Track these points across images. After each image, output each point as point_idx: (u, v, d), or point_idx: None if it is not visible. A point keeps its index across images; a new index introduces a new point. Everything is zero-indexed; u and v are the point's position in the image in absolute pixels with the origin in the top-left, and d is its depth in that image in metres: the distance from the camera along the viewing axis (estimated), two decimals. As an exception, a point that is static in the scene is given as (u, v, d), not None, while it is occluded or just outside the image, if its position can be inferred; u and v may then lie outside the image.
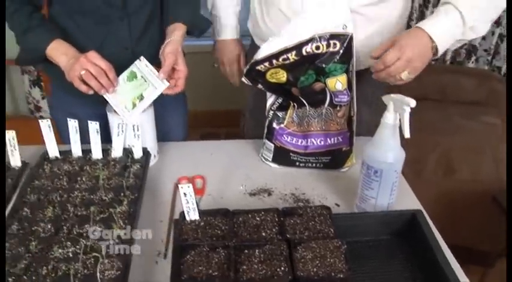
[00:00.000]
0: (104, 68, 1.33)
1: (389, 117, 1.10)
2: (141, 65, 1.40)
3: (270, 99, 1.42)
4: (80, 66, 1.31)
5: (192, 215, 1.12)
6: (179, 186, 1.09)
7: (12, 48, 1.49)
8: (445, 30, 1.28)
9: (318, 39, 1.25)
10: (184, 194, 1.09)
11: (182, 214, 1.12)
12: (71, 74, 1.33)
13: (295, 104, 1.38)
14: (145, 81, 1.39)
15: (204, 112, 3.30)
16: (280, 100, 1.40)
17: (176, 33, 1.45)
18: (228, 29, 1.77)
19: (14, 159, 1.39)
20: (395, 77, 1.29)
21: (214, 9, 1.76)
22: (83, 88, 1.34)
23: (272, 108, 1.41)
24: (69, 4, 1.43)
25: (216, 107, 3.51)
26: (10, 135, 1.36)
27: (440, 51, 1.30)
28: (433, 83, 2.74)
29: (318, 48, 1.26)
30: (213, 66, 1.90)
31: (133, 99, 1.40)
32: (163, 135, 1.57)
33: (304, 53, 1.26)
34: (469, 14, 1.27)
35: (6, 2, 1.39)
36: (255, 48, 1.68)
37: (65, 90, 1.57)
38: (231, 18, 1.76)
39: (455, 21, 1.28)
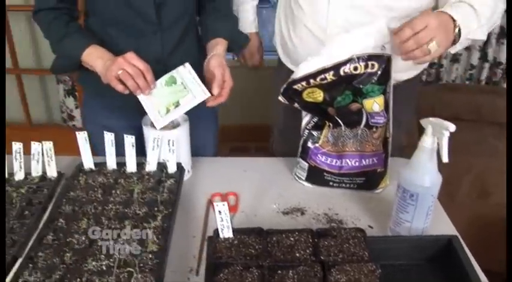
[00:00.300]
0: (141, 68, 1.32)
1: (427, 141, 1.09)
2: (184, 72, 1.39)
3: (306, 118, 1.42)
4: (118, 66, 1.30)
5: (226, 233, 1.12)
6: (214, 204, 1.09)
7: (48, 58, 1.51)
8: (464, 19, 1.25)
9: (356, 60, 1.24)
10: (219, 211, 1.09)
11: (216, 231, 1.12)
12: (108, 75, 1.32)
13: (330, 124, 1.38)
14: (185, 88, 1.38)
15: (233, 126, 3.32)
16: (315, 119, 1.40)
17: (218, 47, 1.47)
18: (247, 23, 1.86)
19: (50, 169, 1.42)
20: (423, 48, 1.19)
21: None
22: (119, 88, 1.33)
23: (307, 127, 1.41)
24: (105, 16, 1.46)
25: (245, 121, 3.53)
26: (47, 146, 1.38)
27: (462, 37, 1.26)
28: (468, 103, 2.70)
29: (355, 68, 1.25)
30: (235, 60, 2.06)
31: (168, 105, 1.38)
32: (195, 150, 1.58)
33: (342, 73, 1.25)
34: (481, 10, 1.28)
35: (42, 12, 1.43)
36: (282, 66, 1.71)
37: (98, 100, 1.60)
38: (249, 12, 1.86)
39: (469, 15, 1.28)
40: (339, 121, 1.36)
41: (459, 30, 1.24)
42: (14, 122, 3.48)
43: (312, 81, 1.28)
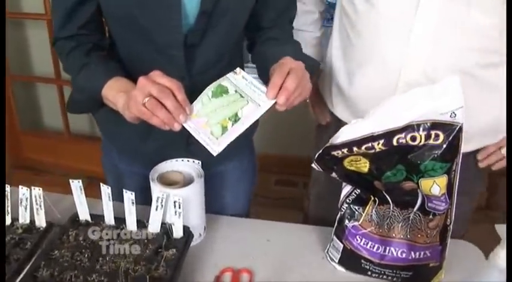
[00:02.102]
0: (168, 86, 0.98)
1: (502, 257, 0.80)
2: (237, 78, 1.06)
3: (346, 188, 1.13)
4: (142, 91, 0.97)
5: None
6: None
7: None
8: None
9: (416, 128, 0.95)
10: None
11: None
12: (132, 106, 0.99)
13: (376, 199, 1.09)
14: (242, 96, 1.04)
15: (278, 156, 3.10)
16: (358, 191, 1.12)
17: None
18: None
19: (39, 218, 1.20)
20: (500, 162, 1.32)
21: None
22: (155, 121, 0.98)
23: (347, 200, 1.13)
24: (124, 51, 1.23)
25: (291, 151, 3.16)
26: (36, 192, 1.17)
27: None
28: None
29: (413, 139, 0.96)
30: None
31: (223, 122, 1.03)
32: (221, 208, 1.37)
33: (395, 143, 0.96)
34: None
35: (62, 41, 1.20)
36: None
37: (111, 141, 1.40)
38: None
39: None
40: (388, 198, 1.07)
41: None
42: (53, 129, 3.43)
43: (355, 149, 1.00)
